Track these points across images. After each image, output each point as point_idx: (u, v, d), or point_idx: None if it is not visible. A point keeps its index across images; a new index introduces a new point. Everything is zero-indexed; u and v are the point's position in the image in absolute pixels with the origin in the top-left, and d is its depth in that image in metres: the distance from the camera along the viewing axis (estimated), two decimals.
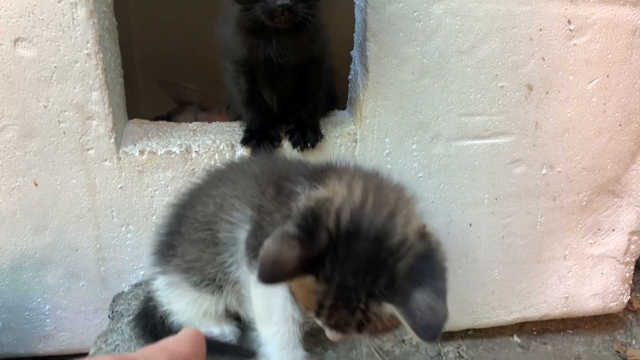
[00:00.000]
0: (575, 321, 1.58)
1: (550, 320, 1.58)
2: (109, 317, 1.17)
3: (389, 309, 0.69)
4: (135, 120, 1.34)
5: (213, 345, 0.93)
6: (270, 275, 0.67)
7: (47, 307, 1.34)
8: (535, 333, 1.55)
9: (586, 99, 1.32)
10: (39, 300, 1.33)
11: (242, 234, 0.90)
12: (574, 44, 1.27)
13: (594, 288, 1.51)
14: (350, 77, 1.35)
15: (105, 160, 1.22)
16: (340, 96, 1.44)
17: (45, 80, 1.15)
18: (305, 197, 0.74)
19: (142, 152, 1.23)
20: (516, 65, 1.27)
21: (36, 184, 1.23)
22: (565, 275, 1.49)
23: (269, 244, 0.67)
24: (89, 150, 1.21)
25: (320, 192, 0.76)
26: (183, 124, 1.36)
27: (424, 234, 0.73)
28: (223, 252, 0.92)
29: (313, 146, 1.24)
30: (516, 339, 1.53)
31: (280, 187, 0.88)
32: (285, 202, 0.85)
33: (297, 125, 1.25)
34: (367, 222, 0.71)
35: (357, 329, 0.72)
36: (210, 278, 0.94)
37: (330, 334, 0.75)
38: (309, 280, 0.70)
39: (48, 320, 1.35)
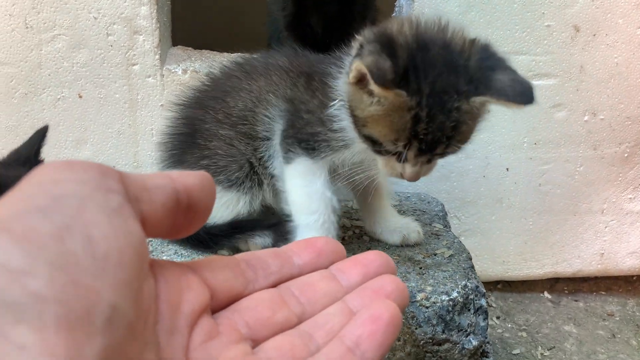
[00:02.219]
0: (609, 283, 1.58)
1: (584, 281, 1.58)
2: None
3: (479, 100, 0.77)
4: (179, 46, 1.39)
5: (243, 225, 0.98)
6: (381, 80, 0.73)
7: None
8: (566, 292, 1.55)
9: (635, 44, 1.33)
10: None
11: (278, 127, 0.95)
12: None
13: (632, 246, 1.51)
14: (394, 14, 1.38)
15: (149, 76, 1.27)
16: None
17: None
18: (368, 31, 0.81)
19: (185, 71, 1.28)
20: (564, 5, 1.28)
21: (80, 96, 1.28)
22: (602, 230, 1.49)
23: (362, 58, 0.74)
24: (134, 65, 1.27)
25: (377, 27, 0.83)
26: (226, 53, 1.40)
27: (473, 38, 0.83)
28: (261, 146, 0.96)
29: None
30: (547, 295, 1.53)
31: (310, 76, 0.93)
32: (318, 88, 0.91)
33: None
34: (429, 37, 0.79)
35: (451, 138, 0.79)
36: (244, 175, 0.98)
37: (407, 168, 0.83)
38: (401, 99, 0.76)
39: None
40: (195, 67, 1.29)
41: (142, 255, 0.29)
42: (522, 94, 0.75)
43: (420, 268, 0.97)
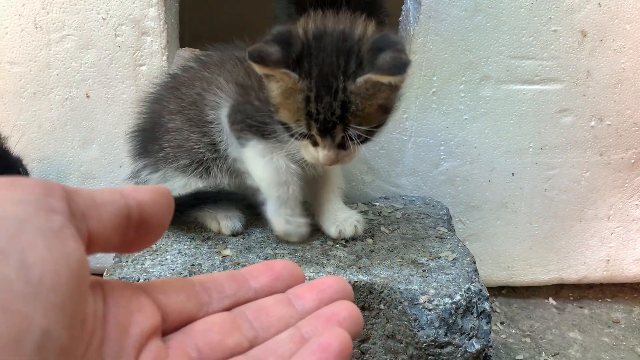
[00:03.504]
0: (615, 289, 1.58)
1: (589, 288, 1.58)
2: None
3: (363, 79, 0.86)
4: (186, 48, 1.40)
5: (207, 196, 1.04)
6: (259, 59, 0.86)
7: None
8: (572, 298, 1.56)
9: None
10: None
11: (224, 111, 1.04)
12: None
13: (638, 252, 1.51)
14: (400, 18, 1.39)
15: (157, 77, 1.29)
16: None
17: None
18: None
19: None
20: (571, 10, 1.29)
21: (88, 96, 1.30)
22: (608, 236, 1.49)
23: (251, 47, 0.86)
24: (141, 66, 1.28)
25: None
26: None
27: (380, 29, 0.92)
28: (211, 131, 1.05)
29: None
30: (552, 301, 1.53)
31: None
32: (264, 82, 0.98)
33: None
34: (331, 27, 0.90)
35: (341, 118, 0.87)
36: (199, 160, 1.06)
37: (319, 152, 0.92)
38: (293, 81, 0.87)
39: None
40: None
41: (80, 277, 0.29)
42: (395, 67, 0.84)
43: (424, 271, 0.98)
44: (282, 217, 1.06)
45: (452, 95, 1.34)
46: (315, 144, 0.93)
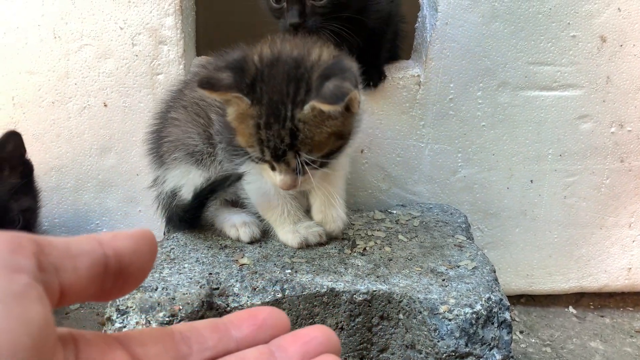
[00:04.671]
0: (637, 298, 1.55)
1: (610, 296, 1.56)
2: (164, 234, 1.23)
3: (308, 107, 0.86)
4: (202, 57, 1.41)
5: (215, 186, 1.05)
6: (208, 85, 0.88)
7: (104, 231, 1.41)
8: (592, 307, 1.54)
9: None
10: (97, 222, 1.41)
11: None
12: None
13: None
14: (416, 25, 1.39)
15: (173, 86, 1.30)
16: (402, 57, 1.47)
17: (124, 3, 1.24)
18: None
19: None
20: (590, 15, 1.28)
21: (106, 105, 1.32)
22: (629, 244, 1.47)
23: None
24: (158, 74, 1.30)
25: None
26: None
27: (336, 56, 0.92)
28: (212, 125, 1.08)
29: (376, 86, 1.29)
30: (572, 310, 1.51)
31: None
32: None
33: (360, 64, 1.30)
34: (286, 53, 0.91)
35: (291, 146, 0.88)
36: (198, 150, 1.09)
37: (276, 177, 0.93)
38: (245, 105, 0.89)
39: None
40: None
41: (43, 341, 0.28)
42: (334, 96, 0.84)
43: (443, 280, 0.98)
44: (288, 233, 1.08)
45: (469, 102, 1.34)
46: (273, 168, 0.95)
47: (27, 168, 1.19)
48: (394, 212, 1.27)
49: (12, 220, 1.13)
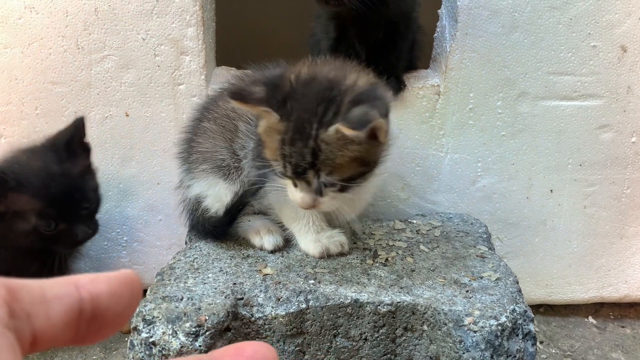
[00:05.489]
0: None
1: (630, 307, 1.55)
2: (185, 242, 1.24)
3: (333, 129, 0.87)
4: (222, 67, 1.43)
5: (245, 198, 1.08)
6: (239, 97, 0.91)
7: (125, 239, 1.44)
8: (612, 317, 1.53)
9: None
10: (117, 230, 1.42)
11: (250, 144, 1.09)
12: None
13: None
14: (435, 34, 1.40)
15: (195, 96, 1.32)
16: (419, 67, 1.48)
17: (146, 14, 1.26)
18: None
19: None
20: (611, 25, 1.28)
21: (127, 115, 1.33)
22: None
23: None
24: (180, 85, 1.31)
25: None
26: None
27: (373, 82, 0.94)
28: (238, 138, 1.10)
29: (396, 94, 1.29)
30: (591, 320, 1.50)
31: None
32: None
33: (380, 73, 1.30)
34: (322, 75, 0.92)
35: (312, 165, 0.89)
36: (225, 164, 1.11)
37: (297, 194, 0.95)
38: (274, 120, 0.91)
39: (124, 252, 1.45)
40: None
41: None
42: (358, 122, 0.85)
43: (467, 291, 0.98)
44: (310, 242, 1.09)
45: (489, 112, 1.34)
46: (295, 184, 0.96)
47: (88, 150, 1.23)
48: (414, 221, 1.27)
49: (88, 199, 1.19)
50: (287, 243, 1.13)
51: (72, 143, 1.17)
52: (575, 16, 1.28)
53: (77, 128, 1.18)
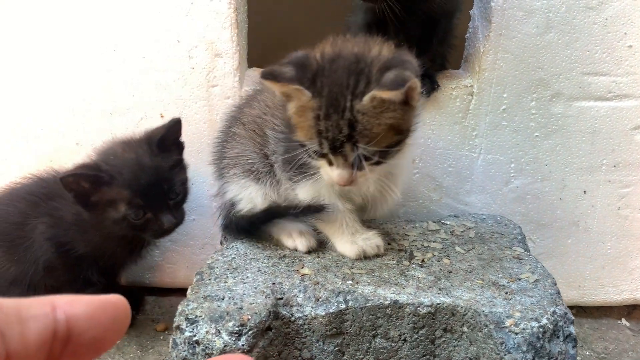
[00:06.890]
0: None
1: None
2: (220, 243, 1.26)
3: (368, 97, 0.88)
4: (254, 68, 1.44)
5: (289, 212, 1.09)
6: (271, 76, 0.92)
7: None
8: None
9: None
10: None
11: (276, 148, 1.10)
12: None
13: None
14: (467, 35, 1.40)
15: (228, 97, 1.33)
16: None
17: (181, 17, 1.28)
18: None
19: None
20: None
21: (162, 116, 1.35)
22: None
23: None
24: (214, 87, 1.33)
25: None
26: None
27: (396, 51, 0.95)
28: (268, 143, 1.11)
29: (428, 95, 1.30)
30: (625, 322, 1.49)
31: None
32: None
33: None
34: (347, 50, 0.93)
35: (349, 137, 0.90)
36: (254, 170, 1.13)
37: (333, 171, 0.95)
38: (305, 98, 0.92)
39: (157, 252, 1.47)
40: None
41: None
42: (395, 82, 0.86)
43: (506, 293, 0.98)
44: (346, 244, 1.10)
45: (522, 112, 1.34)
46: (331, 163, 0.96)
47: (181, 147, 1.29)
48: (447, 222, 1.27)
49: (176, 191, 1.25)
50: (321, 245, 1.14)
51: (165, 139, 1.24)
52: (610, 16, 1.27)
53: (172, 127, 1.24)
